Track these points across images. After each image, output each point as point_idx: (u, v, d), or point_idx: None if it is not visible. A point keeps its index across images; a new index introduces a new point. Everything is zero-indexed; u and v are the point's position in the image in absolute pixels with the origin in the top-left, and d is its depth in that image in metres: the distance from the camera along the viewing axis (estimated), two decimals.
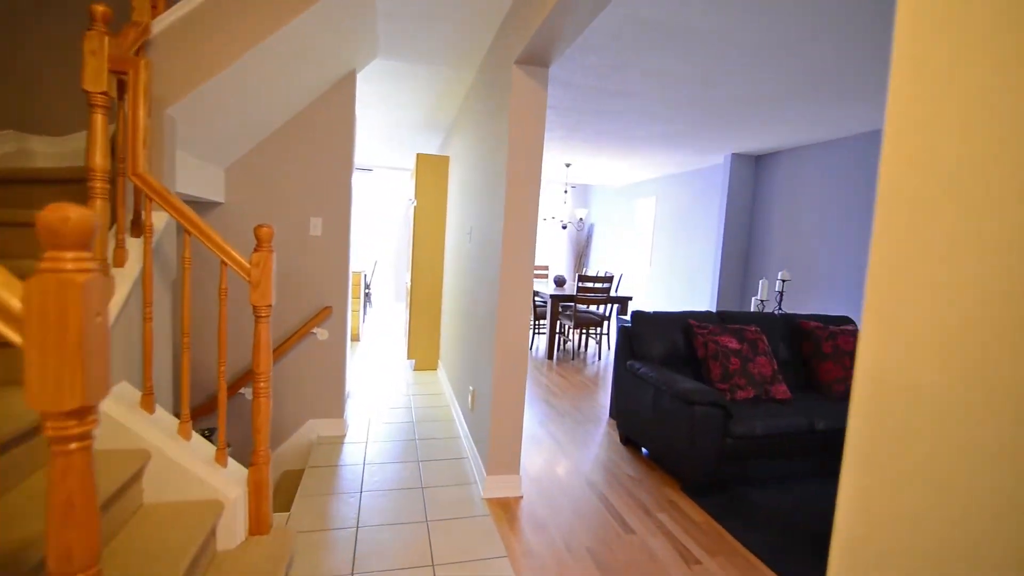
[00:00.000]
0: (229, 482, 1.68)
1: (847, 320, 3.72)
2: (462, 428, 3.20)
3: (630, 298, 5.91)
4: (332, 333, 3.07)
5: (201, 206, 2.74)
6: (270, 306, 1.69)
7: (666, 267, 7.06)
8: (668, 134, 4.74)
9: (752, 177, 5.50)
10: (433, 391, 4.16)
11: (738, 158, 5.42)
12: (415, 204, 4.69)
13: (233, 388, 2.88)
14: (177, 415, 1.80)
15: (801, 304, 4.74)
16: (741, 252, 5.54)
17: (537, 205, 2.39)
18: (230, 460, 1.79)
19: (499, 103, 2.56)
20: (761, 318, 3.50)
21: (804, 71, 3.00)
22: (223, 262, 1.69)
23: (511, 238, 2.37)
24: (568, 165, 6.74)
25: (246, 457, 2.07)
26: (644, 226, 7.69)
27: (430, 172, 4.64)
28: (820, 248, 4.61)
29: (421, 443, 3.09)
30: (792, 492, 2.68)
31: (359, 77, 3.58)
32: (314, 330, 3.02)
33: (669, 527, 2.30)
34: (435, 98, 4.08)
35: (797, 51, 2.72)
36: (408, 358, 4.79)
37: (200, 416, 2.78)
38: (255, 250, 1.65)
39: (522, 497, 2.50)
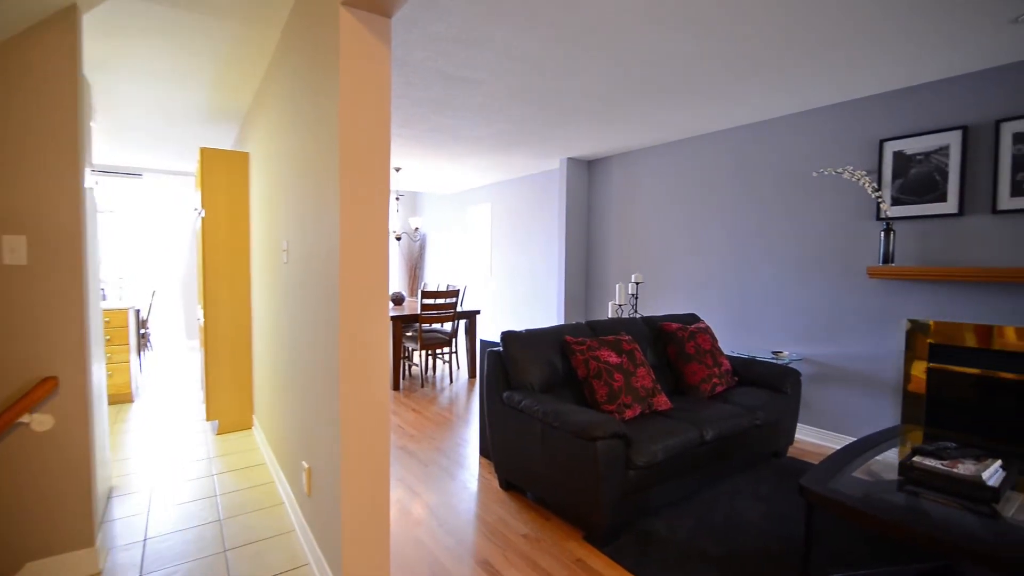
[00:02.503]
0: None
1: (695, 318, 3.81)
2: (296, 518, 2.33)
3: (478, 312, 5.49)
4: (64, 416, 1.95)
5: None
6: None
7: (508, 276, 6.85)
8: (509, 135, 4.44)
9: (586, 182, 5.55)
10: (247, 461, 3.12)
11: (573, 163, 5.41)
12: (203, 215, 3.54)
13: None
14: None
15: (650, 306, 4.86)
16: (582, 258, 5.55)
17: (387, 205, 1.74)
18: None
19: (320, 68, 1.84)
20: (627, 325, 3.34)
21: (646, 66, 2.89)
22: None
23: (353, 252, 1.68)
24: (398, 170, 6.06)
25: None
26: (480, 234, 7.40)
27: (222, 172, 3.55)
28: (659, 249, 4.78)
29: (235, 555, 2.14)
30: (691, 512, 2.49)
31: (86, 22, 2.45)
32: (23, 418, 1.87)
33: None
34: (222, 67, 3.07)
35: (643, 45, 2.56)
36: (208, 419, 3.59)
37: None
38: None
39: None
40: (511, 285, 6.78)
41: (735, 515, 2.48)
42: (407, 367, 5.80)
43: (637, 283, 3.98)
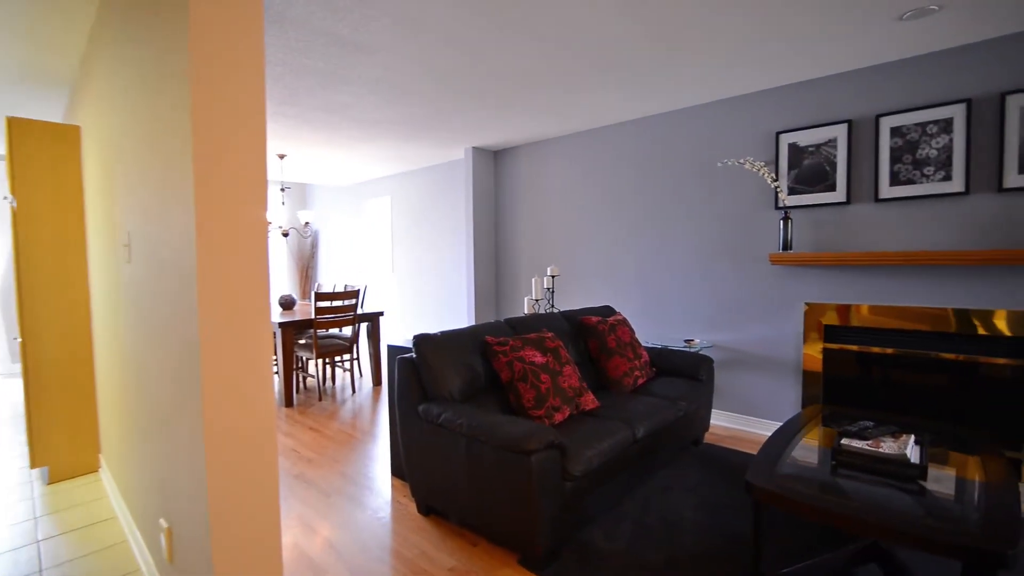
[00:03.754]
0: None
1: (611, 310, 3.74)
2: None
3: (381, 313, 5.03)
4: None
5: None
6: None
7: (412, 273, 6.42)
8: (412, 120, 4.06)
9: (493, 173, 5.32)
10: (91, 516, 2.45)
11: (479, 153, 5.15)
12: (14, 205, 2.75)
13: None
14: None
15: (564, 299, 4.75)
16: (490, 252, 5.32)
17: (262, 187, 1.34)
18: None
19: (164, 8, 1.38)
20: (547, 320, 3.16)
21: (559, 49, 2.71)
22: None
23: (215, 245, 1.26)
24: (282, 157, 5.37)
25: None
26: (381, 229, 6.88)
27: (43, 150, 2.78)
28: (570, 241, 4.69)
29: None
30: (626, 516, 2.35)
31: None
32: None
33: None
34: (39, 9, 2.36)
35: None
36: (33, 466, 2.81)
37: None
38: None
39: None
40: (416, 283, 6.37)
41: (670, 512, 2.38)
42: (301, 379, 5.17)
43: (553, 276, 3.82)
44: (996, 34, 2.64)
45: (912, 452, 1.86)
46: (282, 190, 5.44)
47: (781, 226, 3.30)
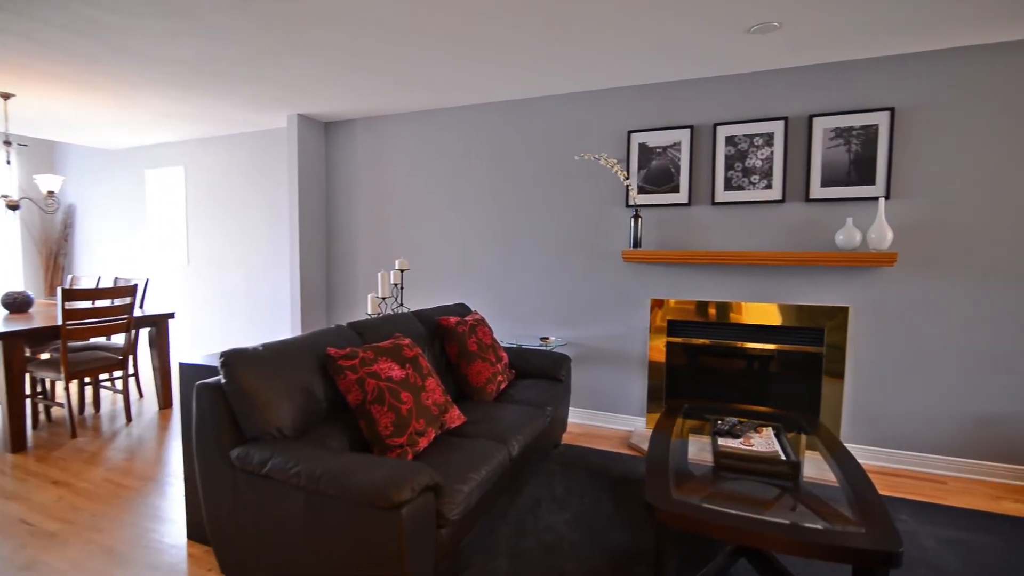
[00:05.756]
0: None
1: (467, 308, 3.42)
2: None
3: (170, 315, 3.93)
4: None
5: None
6: None
7: (215, 265, 5.23)
8: (216, 65, 3.15)
9: (324, 147, 4.56)
10: None
11: (306, 122, 4.35)
12: None
13: None
14: None
15: (411, 298, 4.25)
16: (321, 241, 4.56)
17: None
18: None
19: None
20: (399, 323, 2.69)
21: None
22: None
23: None
24: (7, 97, 3.81)
25: None
26: (172, 209, 5.47)
27: None
28: (417, 231, 4.22)
29: None
30: (502, 549, 2.04)
31: None
32: None
33: None
34: None
35: None
36: None
37: None
38: None
39: None
40: (220, 278, 5.20)
41: (546, 533, 2.16)
42: (42, 410, 3.75)
43: (402, 271, 3.34)
44: (813, 61, 2.98)
45: (778, 447, 1.91)
46: (6, 143, 3.86)
47: (632, 224, 3.35)
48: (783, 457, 1.81)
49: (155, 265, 5.66)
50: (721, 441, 1.94)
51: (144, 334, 5.36)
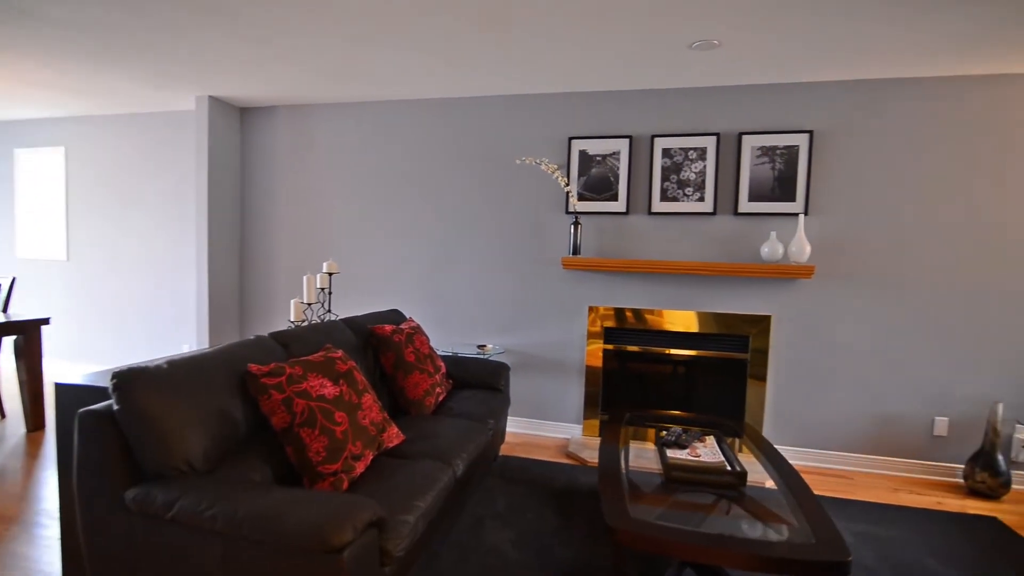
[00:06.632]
0: None
1: (401, 315, 3.23)
2: None
3: (43, 321, 3.36)
4: None
5: None
6: None
7: (103, 263, 4.58)
8: (103, 28, 2.71)
9: (239, 135, 4.14)
10: None
11: (218, 105, 3.91)
12: None
13: None
14: None
15: (340, 303, 3.95)
16: (234, 239, 4.13)
17: None
18: None
19: None
20: (329, 332, 2.45)
21: None
22: None
23: None
24: None
25: None
26: (48, 195, 4.72)
27: None
28: (346, 232, 3.94)
29: None
30: None
31: None
32: None
33: None
34: None
35: None
36: None
37: None
38: None
39: None
40: (109, 277, 4.56)
41: (491, 556, 2.04)
42: None
43: (331, 274, 3.08)
44: (747, 81, 3.12)
45: (722, 456, 1.94)
46: None
47: (572, 230, 3.34)
48: (729, 467, 1.84)
49: (24, 261, 4.85)
50: (670, 453, 1.94)
51: (8, 343, 4.58)
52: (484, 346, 3.59)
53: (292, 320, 2.89)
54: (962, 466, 2.97)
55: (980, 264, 2.93)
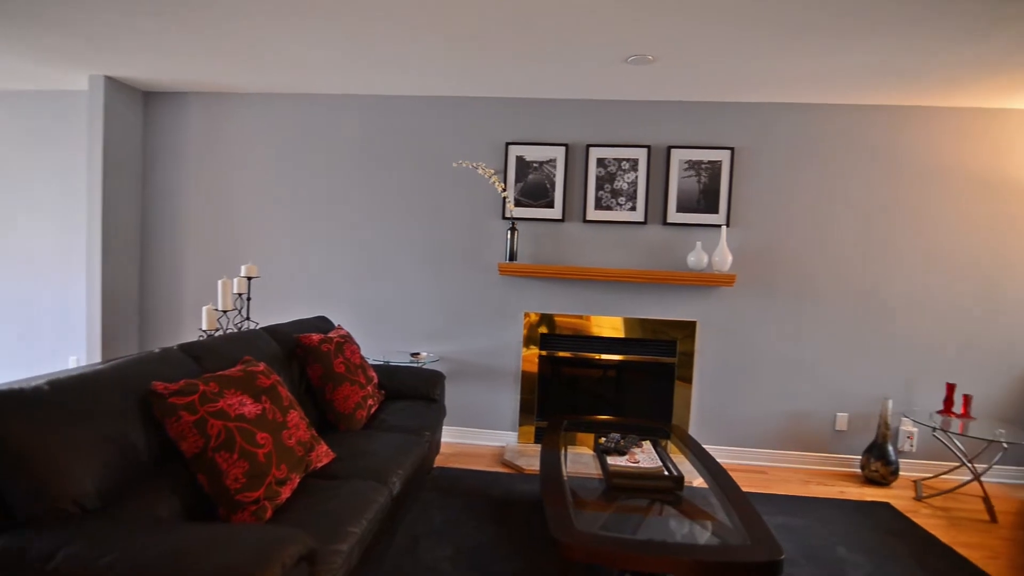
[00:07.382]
0: None
1: (328, 323, 3.04)
2: None
3: None
4: None
5: None
6: None
7: None
8: None
9: (142, 123, 3.71)
10: None
11: (117, 87, 3.49)
12: None
13: None
14: None
15: (259, 310, 3.63)
16: (133, 240, 3.70)
17: None
18: None
19: None
20: (248, 342, 2.24)
21: None
22: None
23: None
24: None
25: None
26: None
27: None
28: (266, 233, 3.65)
29: None
30: None
31: None
32: None
33: None
34: None
35: None
36: None
37: None
38: None
39: None
40: None
41: (428, 575, 1.95)
42: None
43: (249, 278, 2.83)
44: (677, 97, 3.26)
45: (659, 461, 1.98)
46: None
47: (508, 236, 3.32)
48: (667, 472, 1.88)
49: None
50: (610, 460, 1.95)
51: None
52: (418, 354, 3.47)
53: (204, 329, 2.62)
54: (859, 457, 3.28)
55: (870, 274, 3.26)
